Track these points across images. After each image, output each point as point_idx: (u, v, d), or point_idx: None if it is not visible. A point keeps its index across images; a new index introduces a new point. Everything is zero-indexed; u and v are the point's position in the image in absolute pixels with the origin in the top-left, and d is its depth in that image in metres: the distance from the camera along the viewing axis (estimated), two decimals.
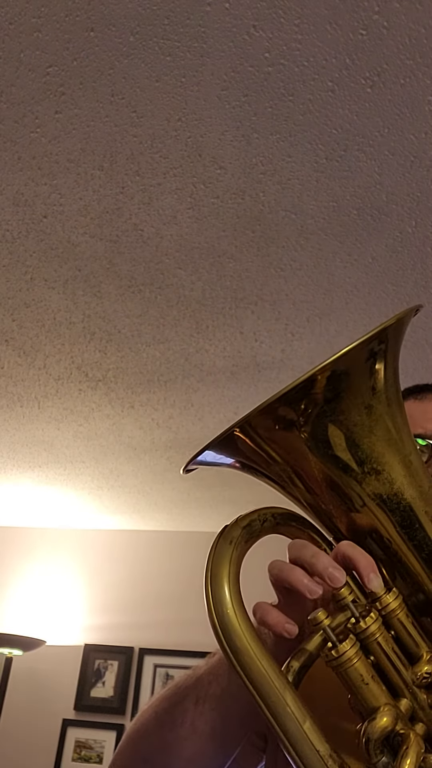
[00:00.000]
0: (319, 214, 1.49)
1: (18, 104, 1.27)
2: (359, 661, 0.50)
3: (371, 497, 0.55)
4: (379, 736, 0.48)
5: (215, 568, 0.53)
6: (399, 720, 0.49)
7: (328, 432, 0.55)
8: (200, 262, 1.65)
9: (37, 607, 3.39)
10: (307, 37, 1.11)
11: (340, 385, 0.54)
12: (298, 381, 0.52)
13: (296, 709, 0.49)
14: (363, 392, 0.55)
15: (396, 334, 0.57)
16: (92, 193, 1.47)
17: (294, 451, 0.56)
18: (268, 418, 0.54)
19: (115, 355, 2.06)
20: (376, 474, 0.55)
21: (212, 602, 0.52)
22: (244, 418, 0.54)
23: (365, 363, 0.55)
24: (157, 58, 1.16)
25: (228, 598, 0.52)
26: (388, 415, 0.57)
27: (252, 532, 0.57)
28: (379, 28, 1.10)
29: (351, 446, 0.55)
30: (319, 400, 0.54)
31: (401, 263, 1.62)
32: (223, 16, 1.09)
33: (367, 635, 0.51)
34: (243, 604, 0.52)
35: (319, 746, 0.48)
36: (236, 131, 1.30)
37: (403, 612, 0.53)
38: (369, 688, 0.50)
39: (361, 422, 0.55)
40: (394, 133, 1.28)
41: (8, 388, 2.30)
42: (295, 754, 0.49)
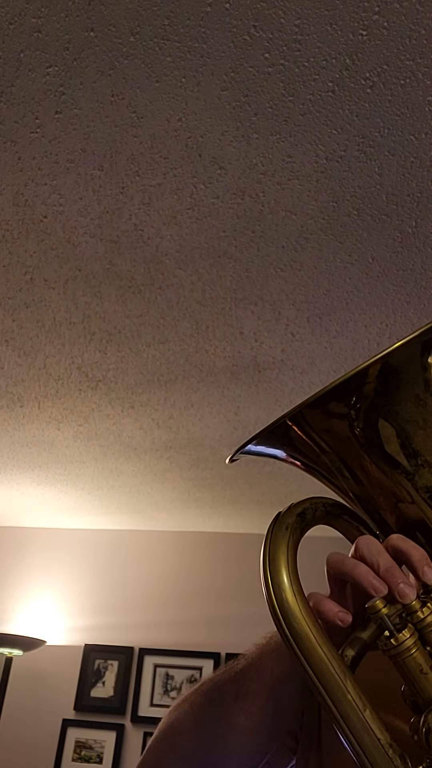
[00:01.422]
0: (319, 215, 1.49)
1: (18, 104, 1.27)
2: (418, 651, 0.50)
3: (422, 491, 0.55)
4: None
5: (273, 553, 0.53)
6: None
7: (379, 424, 0.55)
8: (200, 262, 1.65)
9: (37, 607, 3.39)
10: (307, 37, 1.11)
11: (392, 378, 0.54)
12: (352, 373, 0.52)
13: (356, 696, 0.49)
14: (416, 386, 0.55)
15: None
16: (92, 193, 1.47)
17: (344, 442, 0.56)
18: (320, 409, 0.54)
19: (115, 355, 2.06)
20: (429, 467, 0.55)
21: (271, 587, 0.52)
22: (296, 408, 0.54)
23: (419, 357, 0.55)
24: (157, 58, 1.16)
25: (287, 582, 0.52)
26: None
27: (305, 520, 0.57)
28: (379, 29, 1.09)
29: (403, 439, 0.55)
30: (372, 393, 0.54)
31: (401, 263, 1.62)
32: (223, 16, 1.09)
33: (425, 625, 0.51)
34: (302, 589, 0.52)
35: (380, 735, 0.48)
36: (236, 131, 1.30)
37: None
38: (428, 677, 0.50)
39: (414, 415, 0.55)
40: (395, 133, 1.28)
41: (8, 388, 2.30)
42: (355, 742, 0.49)
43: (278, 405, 2.20)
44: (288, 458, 0.61)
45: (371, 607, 0.52)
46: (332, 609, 0.53)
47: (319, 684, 0.50)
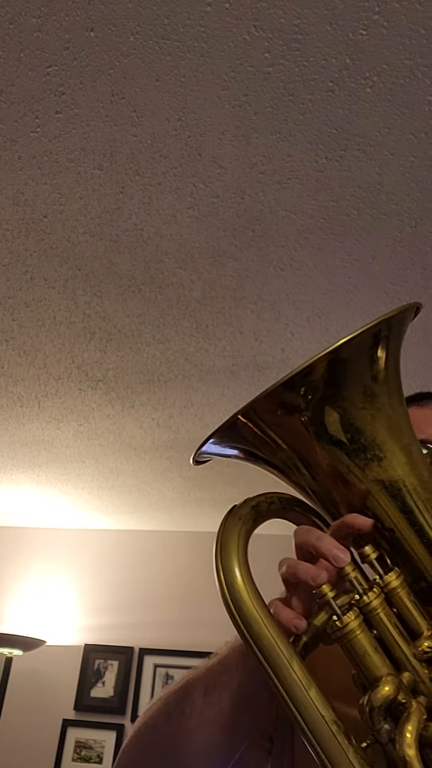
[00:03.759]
0: (318, 214, 1.49)
1: (18, 104, 1.27)
2: (362, 633, 0.52)
3: (373, 483, 0.57)
4: (382, 703, 0.49)
5: (224, 541, 0.55)
6: (401, 690, 0.51)
7: (330, 418, 0.56)
8: (200, 261, 1.65)
9: (37, 607, 3.39)
10: (307, 37, 1.11)
11: (342, 372, 0.55)
12: (301, 367, 0.53)
13: (302, 676, 0.51)
14: (365, 381, 0.57)
15: (397, 328, 0.59)
16: (92, 192, 1.47)
17: (298, 437, 0.57)
18: (272, 404, 0.56)
19: (115, 355, 2.06)
20: (378, 460, 0.57)
21: (221, 573, 0.54)
22: (248, 405, 0.55)
23: (367, 352, 0.57)
24: (157, 58, 1.17)
25: (237, 569, 0.54)
26: (389, 404, 0.59)
27: (259, 512, 0.59)
28: (379, 29, 1.10)
29: (354, 433, 0.57)
30: (322, 387, 0.55)
31: (401, 263, 1.62)
32: (223, 16, 1.09)
33: (369, 609, 0.53)
34: (251, 575, 0.54)
35: (324, 712, 0.50)
36: (236, 131, 1.30)
37: (405, 590, 0.55)
38: (372, 659, 0.52)
39: (363, 410, 0.57)
40: (394, 133, 1.28)
41: (8, 388, 2.30)
42: (301, 720, 0.50)
43: None
44: (247, 457, 0.62)
45: (318, 592, 0.54)
46: (287, 616, 0.55)
47: (266, 664, 0.52)
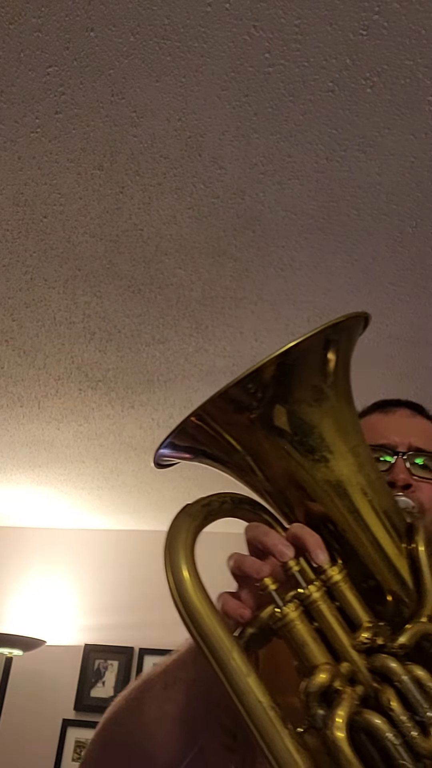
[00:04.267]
0: (319, 214, 1.49)
1: (18, 104, 1.27)
2: (302, 624, 0.54)
3: (322, 483, 0.59)
4: (317, 689, 0.51)
5: (173, 535, 0.58)
6: (338, 678, 0.52)
7: (280, 420, 0.58)
8: (200, 262, 1.65)
9: (37, 607, 3.39)
10: (307, 37, 1.11)
11: (291, 375, 0.57)
12: (251, 370, 0.55)
13: (242, 663, 0.52)
14: (314, 384, 0.59)
15: (346, 334, 0.63)
16: (92, 193, 1.47)
17: (250, 439, 0.60)
18: (223, 406, 0.57)
19: (115, 355, 2.06)
20: (325, 461, 0.59)
21: (169, 565, 0.56)
22: (200, 407, 0.57)
23: (316, 356, 0.59)
24: (157, 58, 1.17)
25: (182, 561, 0.56)
26: (338, 408, 0.61)
27: (211, 511, 0.61)
28: (379, 29, 1.10)
29: (302, 435, 0.59)
30: (271, 389, 0.57)
31: (401, 263, 1.62)
32: (223, 16, 1.09)
33: (310, 601, 0.55)
34: (196, 569, 0.56)
35: (262, 698, 0.52)
36: (236, 131, 1.30)
37: (347, 585, 0.57)
38: (310, 648, 0.54)
39: (312, 413, 0.59)
40: (394, 133, 1.28)
41: (8, 388, 2.30)
42: (240, 705, 0.52)
43: None
44: (205, 459, 0.65)
45: (260, 585, 0.56)
46: (233, 608, 0.58)
47: (208, 652, 0.53)
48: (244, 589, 0.60)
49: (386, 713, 0.51)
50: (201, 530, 0.60)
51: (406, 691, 0.52)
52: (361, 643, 0.54)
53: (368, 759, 0.50)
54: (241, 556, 0.60)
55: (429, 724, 0.51)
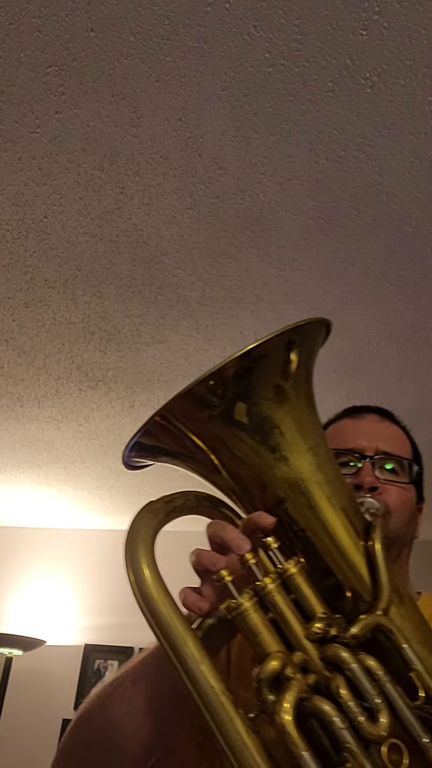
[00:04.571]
0: (318, 215, 1.49)
1: (18, 104, 1.27)
2: (255, 614, 0.56)
3: (282, 481, 0.62)
4: (268, 676, 0.53)
5: (134, 530, 0.60)
6: (289, 666, 0.54)
7: (242, 418, 0.61)
8: (200, 262, 1.65)
9: (37, 607, 3.39)
10: (307, 37, 1.11)
11: (252, 376, 0.60)
12: (213, 369, 0.58)
13: (196, 651, 0.54)
14: (275, 385, 0.62)
15: (308, 338, 0.65)
16: (92, 193, 1.47)
17: (213, 438, 0.62)
18: (187, 405, 0.60)
19: (115, 355, 2.06)
20: (285, 460, 0.62)
21: (128, 559, 0.58)
22: (164, 406, 0.59)
23: (278, 358, 0.62)
24: (157, 58, 1.16)
25: (142, 555, 0.58)
26: (298, 407, 0.64)
27: (174, 508, 0.64)
28: (379, 29, 1.10)
29: (263, 434, 0.62)
30: (232, 390, 0.60)
31: (401, 263, 1.62)
32: (223, 16, 1.09)
33: (265, 592, 0.57)
34: (155, 562, 0.59)
35: (215, 684, 0.53)
36: (236, 131, 1.30)
37: (303, 577, 0.59)
38: (263, 637, 0.56)
39: (272, 413, 0.62)
40: (394, 133, 1.28)
41: (8, 388, 2.30)
42: (194, 691, 0.53)
43: None
44: (171, 460, 0.67)
45: (217, 577, 0.58)
46: (190, 599, 0.61)
47: (163, 640, 0.55)
48: (205, 584, 0.62)
49: (335, 700, 0.52)
50: (163, 526, 0.62)
51: (356, 679, 0.53)
52: (314, 633, 0.56)
53: (318, 743, 0.52)
54: (200, 550, 0.63)
55: (377, 710, 0.52)
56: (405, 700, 0.55)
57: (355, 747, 0.51)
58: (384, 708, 0.53)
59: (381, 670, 0.55)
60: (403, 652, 0.57)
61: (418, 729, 0.54)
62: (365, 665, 0.54)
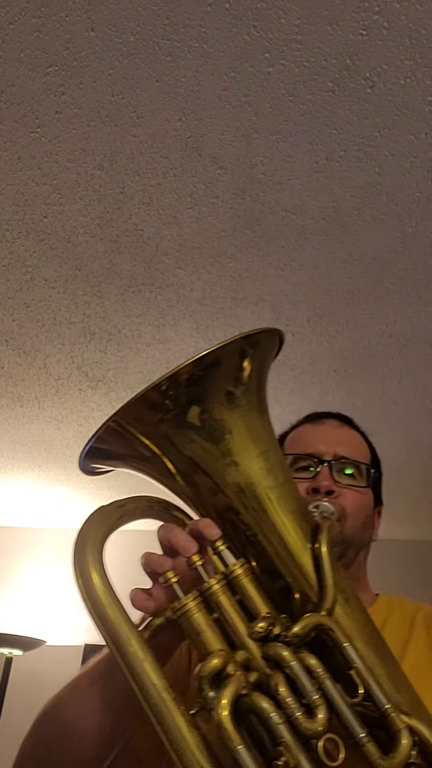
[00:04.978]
0: (319, 215, 1.49)
1: (18, 104, 1.27)
2: (198, 613, 0.58)
3: (232, 486, 0.64)
4: (209, 674, 0.54)
5: (83, 534, 0.61)
6: (231, 664, 0.55)
7: (193, 427, 0.63)
8: (200, 262, 1.65)
9: (37, 607, 3.38)
10: (307, 37, 1.11)
11: (204, 383, 0.62)
12: (165, 376, 0.60)
13: (139, 650, 0.56)
14: (226, 392, 0.64)
15: (259, 347, 0.67)
16: (92, 193, 1.47)
17: (166, 443, 0.64)
18: (140, 410, 0.61)
19: (115, 355, 2.06)
20: (235, 465, 0.64)
21: (76, 562, 0.59)
22: (117, 412, 0.61)
23: (229, 366, 0.64)
24: (157, 58, 1.17)
25: (90, 558, 0.59)
26: (249, 414, 0.66)
27: (125, 512, 0.67)
28: (379, 29, 1.10)
29: (213, 441, 0.63)
30: (184, 397, 0.62)
31: (401, 263, 1.62)
32: (223, 16, 1.09)
33: (210, 593, 0.58)
34: (102, 564, 0.60)
35: (156, 681, 0.55)
36: (236, 131, 1.30)
37: (248, 578, 0.60)
38: (206, 636, 0.57)
39: (223, 420, 0.64)
40: (394, 133, 1.28)
41: (8, 388, 2.30)
42: (136, 687, 0.55)
43: (278, 404, 2.20)
44: (128, 466, 0.69)
45: (163, 578, 0.60)
46: (137, 599, 0.63)
47: (108, 638, 0.57)
48: (155, 585, 0.64)
49: (274, 696, 0.54)
50: (114, 530, 0.64)
51: (295, 676, 0.55)
52: (257, 632, 0.58)
53: (257, 738, 0.54)
54: (148, 554, 0.65)
55: (315, 706, 0.54)
56: (344, 696, 0.56)
57: (290, 741, 0.52)
58: (322, 704, 0.54)
59: (321, 668, 0.56)
60: (344, 651, 0.59)
61: (355, 725, 0.55)
62: (305, 663, 0.56)
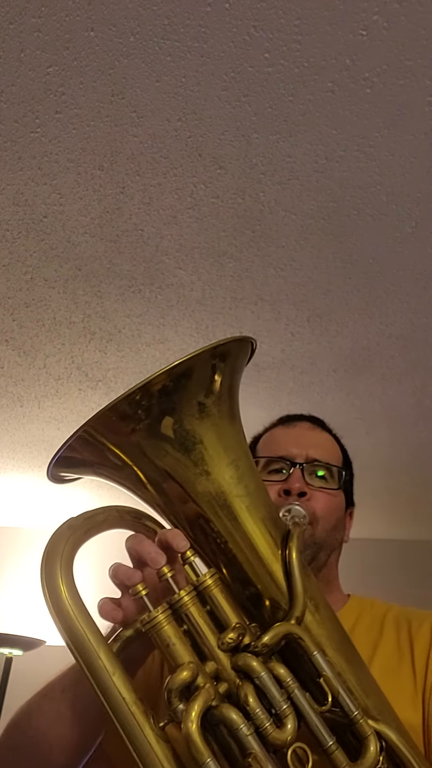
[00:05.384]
0: (319, 215, 1.49)
1: (18, 104, 1.27)
2: (168, 626, 0.57)
3: (203, 495, 0.64)
4: (178, 686, 0.54)
5: (51, 546, 0.60)
6: (201, 675, 0.55)
7: (166, 433, 0.63)
8: (200, 262, 1.65)
9: (37, 607, 3.38)
10: (307, 37, 1.11)
11: (175, 393, 0.62)
12: (137, 386, 0.59)
13: (108, 662, 0.55)
14: (197, 402, 0.64)
15: (230, 356, 0.67)
16: (92, 193, 1.47)
17: (137, 452, 0.64)
18: (111, 420, 0.61)
19: (115, 355, 2.06)
20: (206, 474, 0.64)
21: (44, 575, 0.59)
22: (88, 422, 0.61)
23: (200, 376, 0.64)
24: (157, 58, 1.17)
25: (58, 571, 0.59)
26: (220, 424, 0.66)
27: (94, 523, 0.65)
28: (378, 29, 1.10)
29: (184, 451, 0.64)
30: (156, 406, 0.61)
31: (401, 263, 1.62)
32: (223, 16, 1.09)
33: (180, 605, 0.58)
34: (71, 576, 0.59)
35: (126, 695, 0.54)
36: (236, 131, 1.30)
37: (218, 588, 0.60)
38: (176, 648, 0.56)
39: (193, 430, 0.64)
40: (394, 133, 1.28)
41: (8, 388, 2.30)
42: (104, 701, 0.54)
43: (278, 405, 2.20)
44: (97, 475, 0.69)
45: (133, 590, 0.60)
46: (105, 609, 0.63)
47: (75, 652, 0.56)
48: (124, 596, 0.64)
49: (243, 708, 0.54)
50: (83, 542, 0.63)
51: (264, 687, 0.55)
52: (227, 643, 0.57)
53: (227, 749, 0.54)
54: (117, 565, 0.64)
55: (284, 716, 0.54)
56: (312, 705, 0.56)
57: (259, 752, 0.52)
58: (290, 714, 0.54)
59: (290, 677, 0.56)
60: (313, 659, 0.58)
61: (324, 733, 0.56)
62: (275, 673, 0.56)
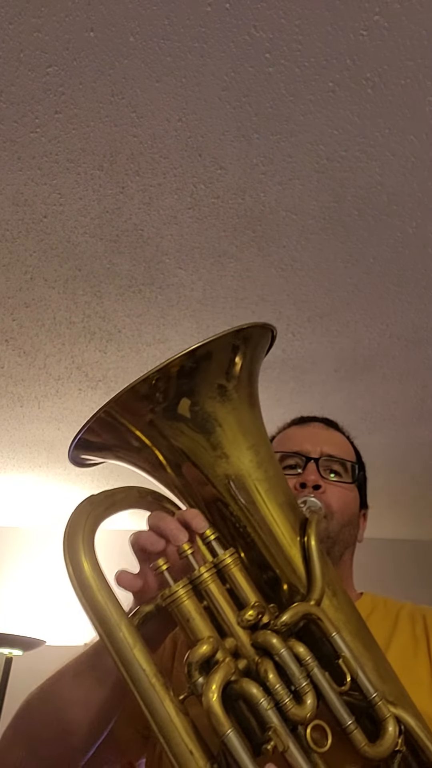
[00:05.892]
0: (320, 215, 1.49)
1: (18, 104, 1.27)
2: (189, 600, 0.58)
3: (222, 477, 0.65)
4: (198, 660, 0.55)
5: (73, 521, 0.62)
6: (221, 650, 0.56)
7: (185, 415, 0.64)
8: (201, 261, 1.65)
9: (37, 607, 3.38)
10: (307, 37, 1.11)
11: (196, 377, 0.62)
12: (157, 368, 0.61)
13: (129, 636, 0.56)
14: (218, 386, 0.65)
15: (251, 341, 0.67)
16: (92, 193, 1.47)
17: (157, 434, 0.65)
18: (132, 402, 0.63)
19: (115, 355, 2.06)
20: (226, 458, 0.65)
21: (66, 549, 0.60)
22: (108, 403, 0.62)
23: (221, 360, 0.64)
24: (157, 58, 1.16)
25: (80, 545, 0.60)
26: (240, 408, 0.67)
27: (114, 501, 0.67)
28: (380, 29, 1.09)
29: (205, 433, 0.64)
30: (176, 389, 0.62)
31: (402, 264, 1.61)
32: (223, 16, 1.09)
33: (200, 581, 0.59)
34: (93, 552, 0.60)
35: (146, 667, 0.55)
36: (237, 131, 1.30)
37: (237, 568, 0.61)
38: (196, 623, 0.58)
39: (214, 413, 0.65)
40: (395, 133, 1.28)
41: (8, 388, 2.30)
42: (125, 673, 0.55)
43: (279, 405, 2.20)
44: (118, 457, 0.69)
45: (154, 565, 0.60)
46: (125, 579, 0.64)
47: (98, 625, 0.57)
48: (143, 567, 0.65)
49: (263, 683, 0.54)
50: (104, 518, 0.64)
51: (284, 664, 0.56)
52: (247, 620, 0.58)
53: (246, 724, 0.54)
54: (140, 532, 0.65)
55: (303, 693, 0.55)
56: (332, 684, 0.57)
57: (279, 726, 0.53)
58: (310, 691, 0.55)
59: (309, 655, 0.57)
60: (332, 640, 0.59)
61: (343, 712, 0.56)
62: (294, 651, 0.57)
